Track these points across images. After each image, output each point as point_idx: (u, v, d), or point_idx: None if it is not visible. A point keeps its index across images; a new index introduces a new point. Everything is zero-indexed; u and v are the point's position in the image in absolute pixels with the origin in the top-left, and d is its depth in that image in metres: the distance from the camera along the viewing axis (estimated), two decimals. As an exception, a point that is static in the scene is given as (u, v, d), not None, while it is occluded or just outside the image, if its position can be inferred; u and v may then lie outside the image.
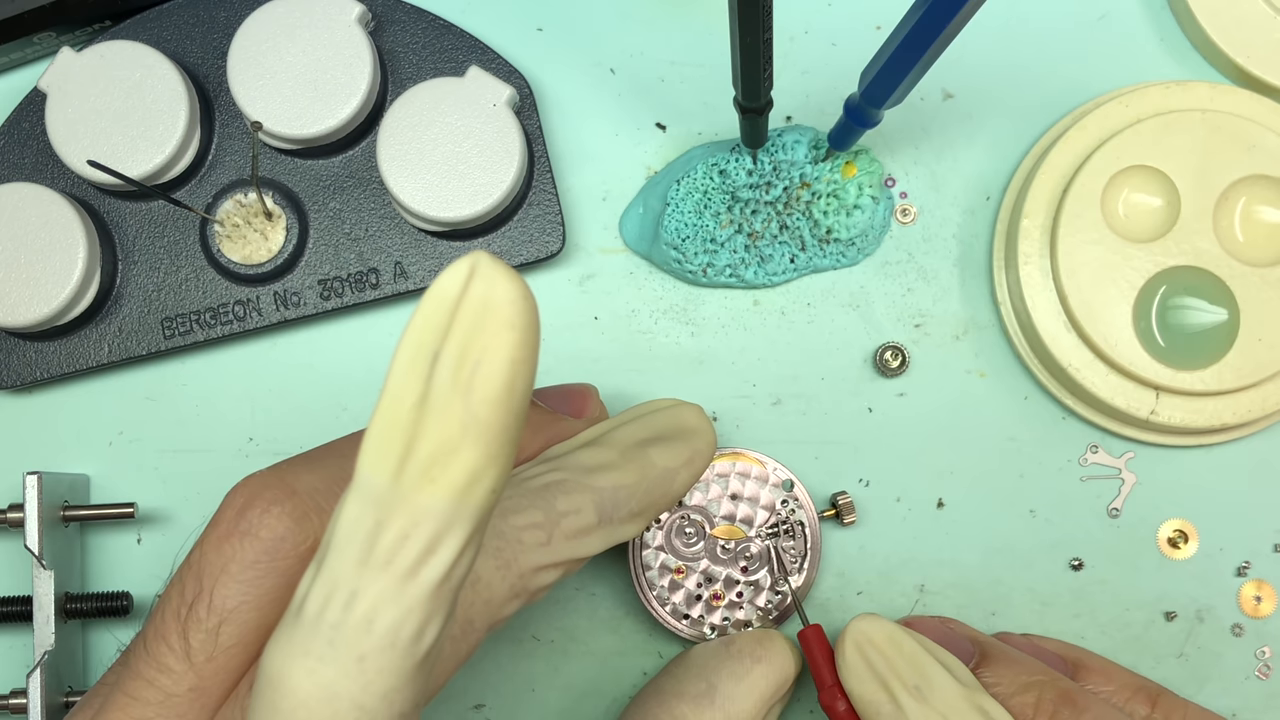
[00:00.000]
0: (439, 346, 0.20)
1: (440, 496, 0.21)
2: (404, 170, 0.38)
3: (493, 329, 0.20)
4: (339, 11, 0.39)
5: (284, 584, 0.27)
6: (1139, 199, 0.40)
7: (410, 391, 0.21)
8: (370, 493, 0.21)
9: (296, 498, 0.27)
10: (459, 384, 0.20)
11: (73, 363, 0.40)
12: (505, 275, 0.20)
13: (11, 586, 0.41)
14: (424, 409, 0.20)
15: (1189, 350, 0.39)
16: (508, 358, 0.20)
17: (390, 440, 0.21)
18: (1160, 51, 0.42)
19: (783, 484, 0.39)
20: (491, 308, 0.20)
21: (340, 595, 0.21)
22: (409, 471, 0.21)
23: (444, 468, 0.21)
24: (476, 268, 0.20)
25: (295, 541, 0.27)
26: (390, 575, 0.21)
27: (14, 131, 0.41)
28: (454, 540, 0.21)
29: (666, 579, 0.39)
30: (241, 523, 0.27)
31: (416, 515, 0.21)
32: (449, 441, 0.20)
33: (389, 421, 0.21)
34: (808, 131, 0.40)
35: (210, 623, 0.27)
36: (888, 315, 0.41)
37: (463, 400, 0.20)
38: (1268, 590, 0.41)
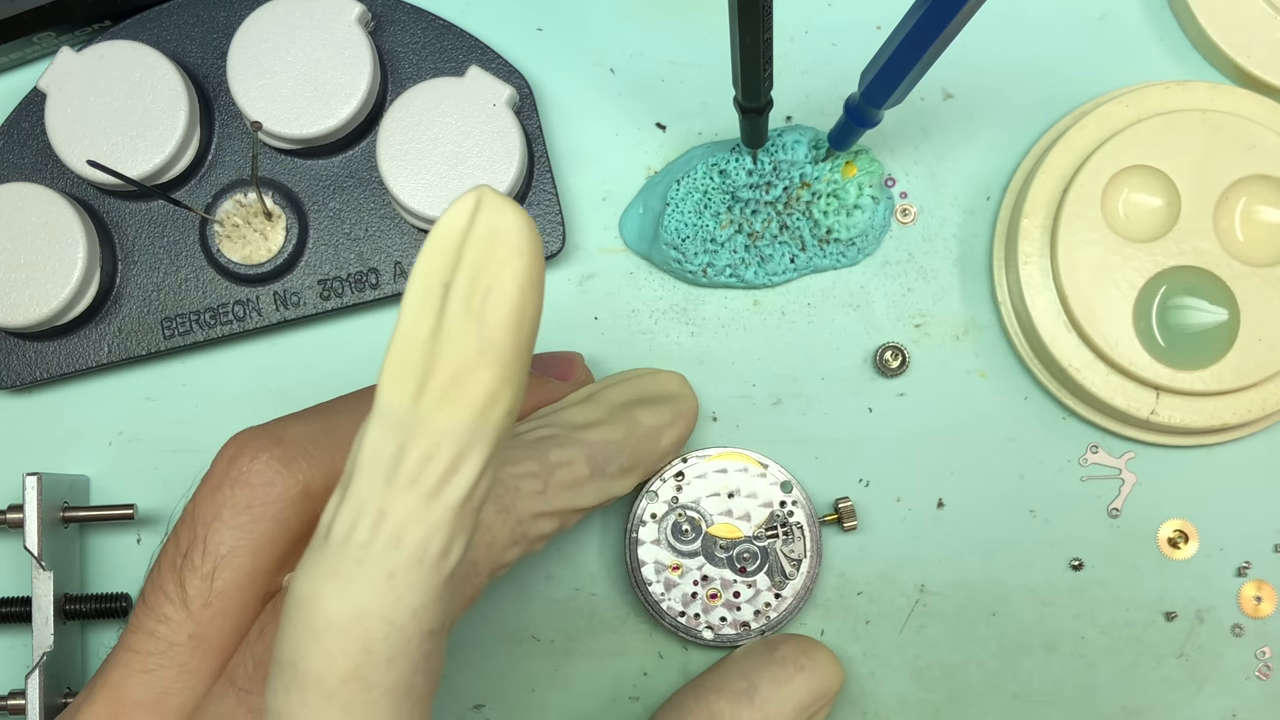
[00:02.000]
0: (449, 277, 0.21)
1: (460, 417, 0.22)
2: (404, 170, 0.38)
3: (502, 256, 0.21)
4: (339, 11, 0.39)
5: (276, 528, 0.28)
6: (1139, 199, 0.40)
7: (424, 321, 0.21)
8: (391, 417, 0.22)
9: (284, 445, 0.28)
10: (472, 310, 0.21)
11: (73, 363, 0.40)
12: (511, 206, 0.22)
13: (11, 587, 0.41)
14: (439, 336, 0.21)
15: (1189, 350, 0.39)
16: (518, 283, 0.21)
17: (408, 366, 0.22)
18: (1160, 51, 0.42)
19: (781, 485, 0.39)
20: (500, 236, 0.21)
21: (368, 515, 0.22)
22: (428, 395, 0.21)
23: (462, 389, 0.21)
24: (482, 200, 0.21)
25: (285, 486, 0.28)
26: (416, 494, 0.22)
27: (14, 131, 0.41)
28: (475, 459, 0.22)
29: (663, 576, 0.39)
30: (232, 471, 0.28)
31: (438, 436, 0.22)
32: (465, 365, 0.21)
33: (406, 349, 0.22)
34: (808, 131, 0.40)
35: (205, 568, 0.27)
36: (888, 315, 0.41)
37: (477, 325, 0.21)
38: (1268, 590, 0.41)
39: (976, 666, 0.41)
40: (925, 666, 0.41)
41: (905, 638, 0.41)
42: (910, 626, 0.41)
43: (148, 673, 0.27)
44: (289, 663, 0.22)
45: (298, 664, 0.22)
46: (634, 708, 0.41)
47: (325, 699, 0.22)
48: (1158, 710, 0.41)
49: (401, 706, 0.23)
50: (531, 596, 0.41)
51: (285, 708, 0.22)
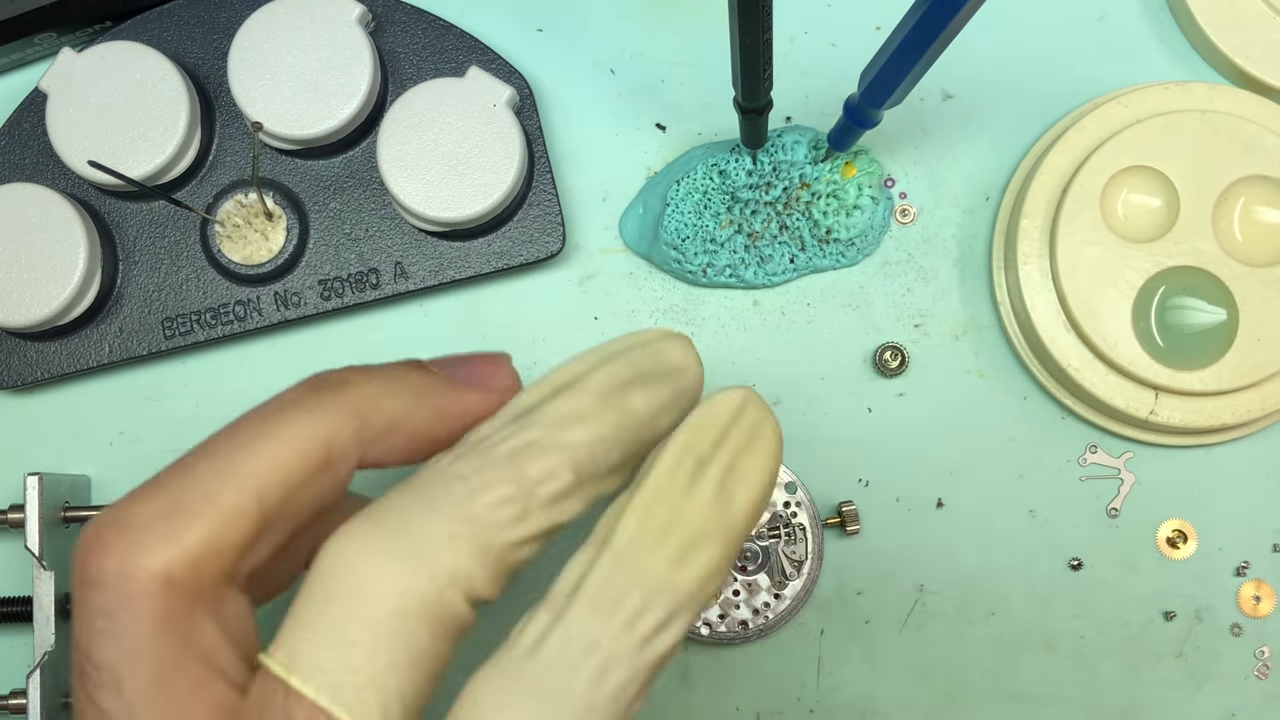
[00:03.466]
0: (706, 454, 0.24)
1: (689, 577, 0.23)
2: (404, 170, 0.38)
3: (761, 450, 0.24)
4: (339, 12, 0.39)
5: (154, 624, 0.25)
6: (1138, 199, 0.40)
7: (677, 483, 0.24)
8: (627, 559, 0.23)
9: (133, 530, 0.25)
10: (724, 490, 0.24)
11: (73, 363, 0.40)
12: (771, 413, 0.25)
13: (12, 587, 0.41)
14: (687, 501, 0.24)
15: (1188, 350, 0.39)
16: (769, 480, 0.24)
17: (654, 518, 0.24)
18: (1160, 52, 0.42)
19: (785, 486, 0.39)
20: (762, 433, 0.25)
21: (580, 643, 0.23)
22: (666, 549, 0.23)
23: (695, 554, 0.23)
24: (750, 399, 0.25)
25: (142, 582, 0.25)
26: (631, 636, 0.23)
27: (14, 132, 0.41)
28: (684, 620, 0.23)
29: None
30: (86, 574, 0.25)
31: (664, 589, 0.23)
32: (705, 533, 0.23)
33: (655, 503, 0.24)
34: (808, 132, 0.40)
35: (107, 681, 0.25)
36: (888, 315, 0.41)
37: (725, 504, 0.24)
38: (1267, 590, 0.41)
39: (976, 666, 0.41)
40: (925, 666, 0.41)
41: (905, 638, 0.41)
42: (910, 626, 0.41)
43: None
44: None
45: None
46: (634, 707, 0.41)
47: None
48: (1157, 710, 0.41)
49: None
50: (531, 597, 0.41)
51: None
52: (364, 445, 0.28)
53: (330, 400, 0.28)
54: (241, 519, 0.26)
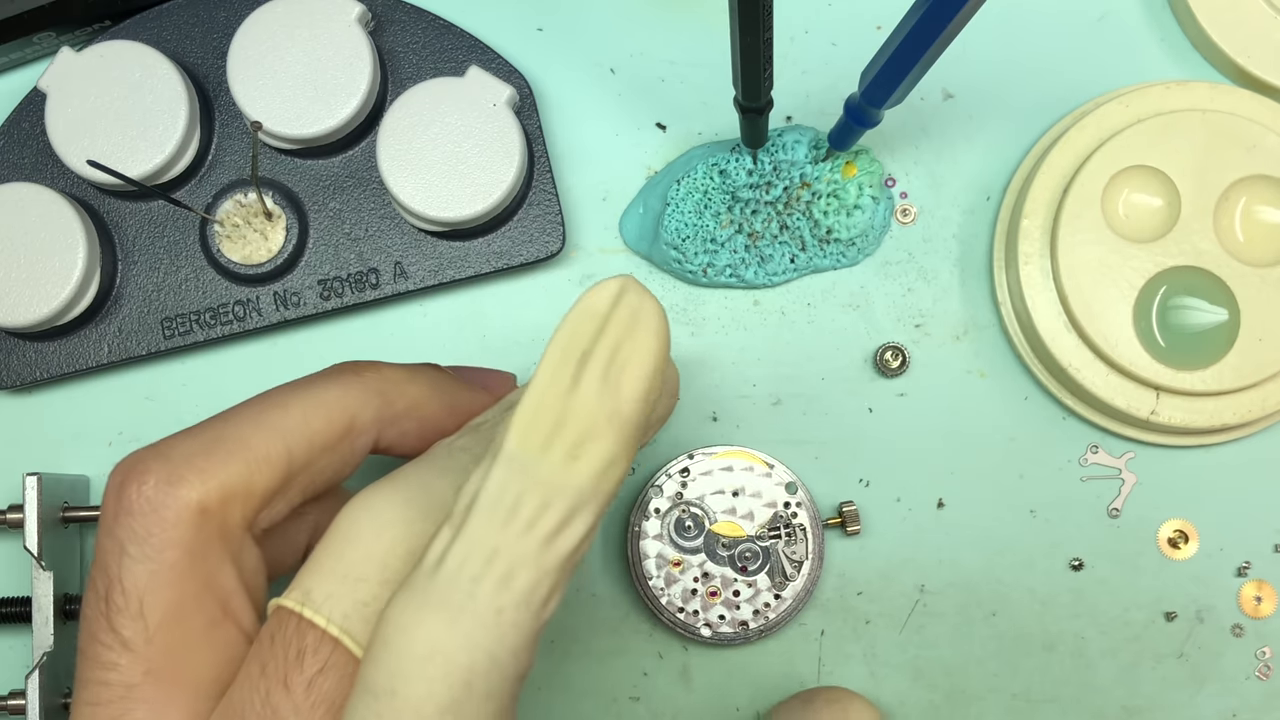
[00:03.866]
0: (589, 348, 0.24)
1: (582, 474, 0.23)
2: (404, 170, 0.38)
3: (642, 336, 0.24)
4: (339, 11, 0.39)
5: (184, 553, 0.27)
6: (1139, 199, 0.40)
7: (560, 382, 0.23)
8: (517, 463, 0.23)
9: (170, 464, 0.27)
10: (609, 380, 0.23)
11: (73, 363, 0.40)
12: (652, 296, 0.24)
13: (11, 587, 0.41)
14: (573, 398, 0.23)
15: (1189, 350, 0.39)
16: (654, 363, 0.24)
17: (540, 420, 0.23)
18: (1160, 51, 0.42)
19: (786, 486, 0.39)
20: (642, 319, 0.24)
21: (481, 552, 0.23)
22: (556, 448, 0.23)
23: (587, 449, 0.23)
24: (627, 285, 0.24)
25: (179, 507, 0.27)
26: (532, 539, 0.23)
27: (14, 131, 0.41)
28: (587, 516, 0.23)
29: (664, 571, 0.39)
30: (122, 501, 0.27)
31: (559, 488, 0.23)
32: (594, 428, 0.23)
33: (540, 404, 0.23)
34: (808, 131, 0.40)
35: (131, 607, 0.27)
36: (888, 315, 0.41)
37: (611, 395, 0.23)
38: (1268, 590, 0.41)
39: (976, 666, 0.41)
40: (925, 666, 0.41)
41: (905, 638, 0.41)
42: (910, 626, 0.41)
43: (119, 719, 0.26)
44: (385, 691, 0.23)
45: (396, 692, 0.23)
46: (634, 708, 0.41)
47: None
48: (1157, 710, 0.41)
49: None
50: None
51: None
52: (383, 424, 0.30)
53: (357, 379, 0.30)
54: (269, 466, 0.28)
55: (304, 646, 0.25)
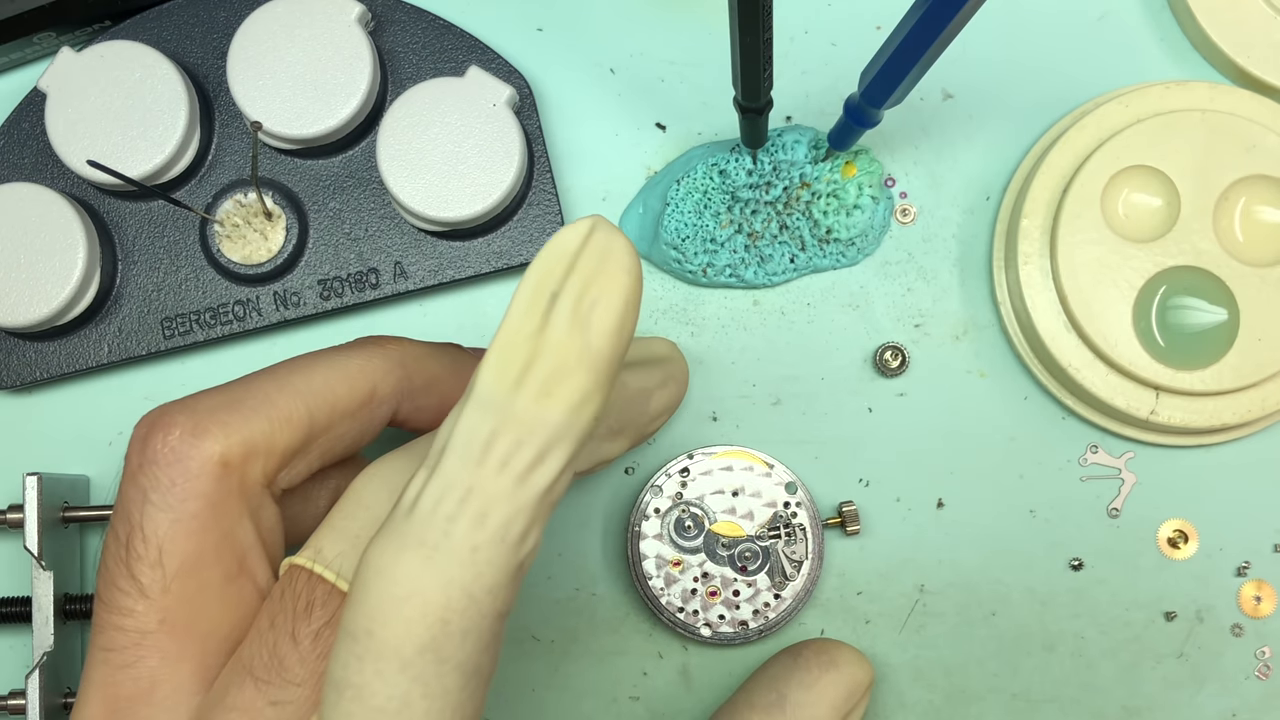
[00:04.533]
0: (558, 288, 0.23)
1: (554, 410, 0.23)
2: (404, 170, 0.38)
3: (612, 272, 0.24)
4: (339, 11, 0.39)
5: (205, 504, 0.27)
6: (1139, 199, 0.40)
7: (530, 322, 0.23)
8: (489, 402, 0.23)
9: (197, 414, 0.28)
10: (579, 317, 0.23)
11: (73, 363, 0.40)
12: (621, 233, 0.24)
13: (11, 587, 0.41)
14: (543, 336, 0.23)
15: (1189, 350, 0.39)
16: (624, 298, 0.24)
17: (511, 358, 0.23)
18: (1160, 51, 0.42)
19: (786, 486, 0.39)
20: (611, 255, 0.24)
21: (456, 491, 0.23)
22: (528, 386, 0.23)
23: (559, 386, 0.23)
24: (597, 224, 0.24)
25: (204, 458, 0.27)
26: (505, 476, 0.23)
27: (14, 131, 0.41)
28: (561, 453, 0.23)
29: (664, 571, 0.39)
30: (147, 451, 0.28)
31: (532, 425, 0.23)
32: (565, 364, 0.23)
33: (511, 343, 0.23)
34: (808, 131, 0.40)
35: (150, 555, 0.27)
36: (888, 315, 0.41)
37: (581, 331, 0.23)
38: (1267, 590, 0.41)
39: (976, 666, 0.41)
40: (925, 666, 0.41)
41: (905, 638, 0.41)
42: (910, 626, 0.41)
43: (130, 666, 0.27)
44: (364, 632, 0.23)
45: (374, 633, 0.23)
46: (634, 708, 0.41)
47: (399, 670, 0.23)
48: (1157, 710, 0.41)
49: (469, 684, 0.23)
50: (531, 596, 0.41)
51: (358, 678, 0.23)
52: (402, 397, 0.31)
53: (381, 351, 0.31)
54: (292, 425, 0.29)
55: (313, 599, 0.26)
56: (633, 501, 0.40)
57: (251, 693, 0.26)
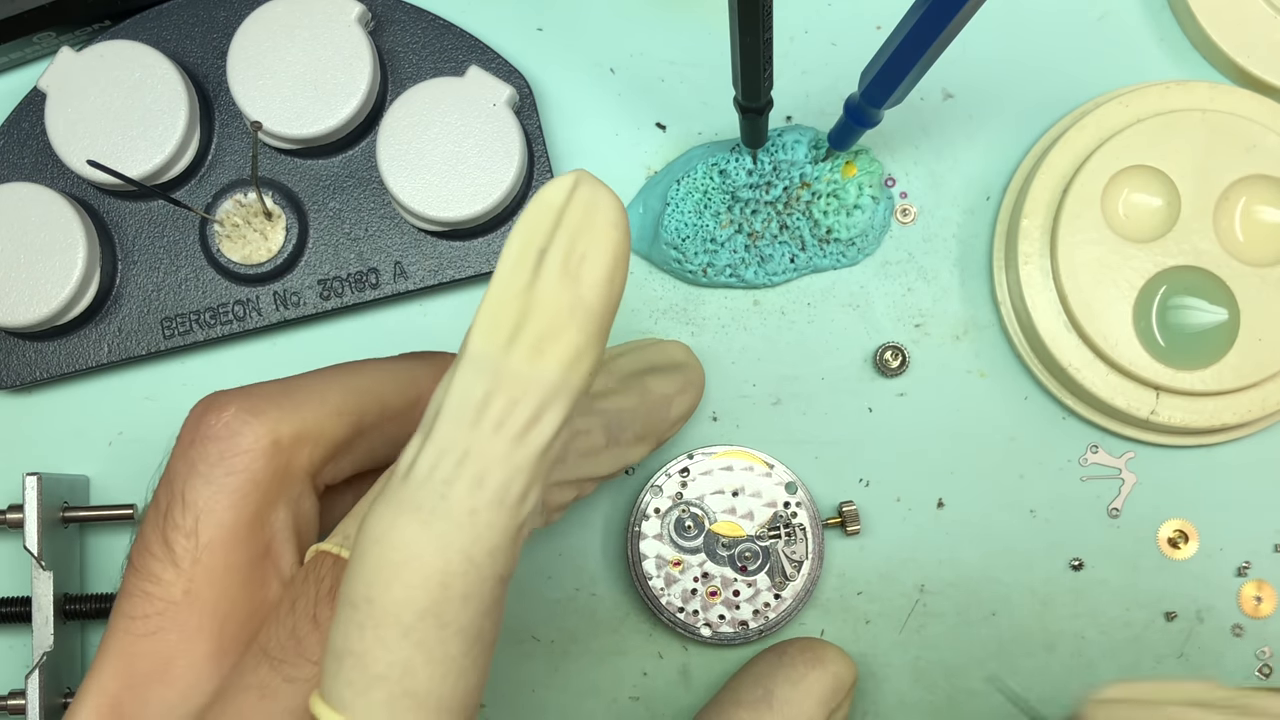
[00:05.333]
0: (546, 244, 0.23)
1: (549, 368, 0.23)
2: (404, 170, 0.38)
3: (599, 226, 0.23)
4: (339, 11, 0.39)
5: (249, 481, 0.28)
6: (1139, 199, 0.40)
7: (519, 279, 0.23)
8: (482, 362, 0.23)
9: (252, 397, 0.29)
10: (569, 272, 0.23)
11: (73, 363, 0.40)
12: (607, 189, 0.24)
13: (11, 587, 0.41)
14: (533, 293, 0.23)
15: (1189, 350, 0.39)
16: (613, 252, 0.23)
17: (502, 316, 0.23)
18: (1160, 51, 0.42)
19: (786, 486, 0.39)
20: (598, 209, 0.23)
21: (452, 455, 0.23)
22: (520, 344, 0.23)
23: (552, 343, 0.23)
24: (581, 178, 0.23)
25: (254, 436, 0.28)
26: (501, 437, 0.23)
27: (14, 131, 0.41)
28: (557, 411, 0.23)
29: (664, 571, 0.39)
30: (201, 427, 0.28)
31: (526, 384, 0.23)
32: (557, 321, 0.23)
33: (500, 302, 0.23)
34: (808, 131, 0.40)
35: (187, 524, 0.28)
36: (888, 315, 0.41)
37: (572, 286, 0.23)
38: (1268, 590, 0.41)
39: (977, 667, 0.41)
40: (925, 666, 0.41)
41: (905, 638, 0.41)
42: (910, 627, 0.41)
43: (149, 636, 0.27)
44: (363, 600, 0.23)
45: (374, 599, 0.23)
46: (634, 708, 0.41)
47: (401, 635, 0.22)
48: (1158, 710, 0.41)
49: (472, 649, 0.23)
50: (531, 596, 0.41)
51: (359, 645, 0.23)
52: None
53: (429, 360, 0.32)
54: (341, 418, 0.29)
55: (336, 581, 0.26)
56: (633, 501, 0.40)
57: (267, 672, 0.26)
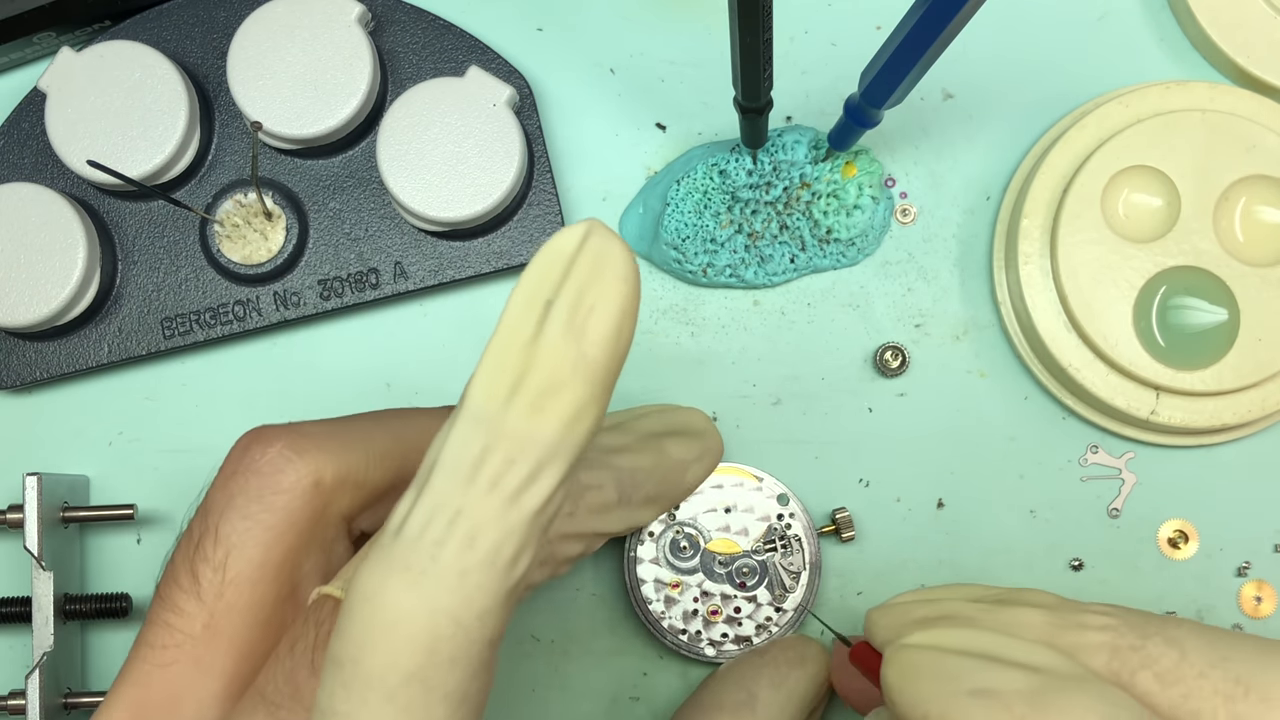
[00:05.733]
0: (553, 295, 0.22)
1: (548, 426, 0.22)
2: (404, 170, 0.38)
3: (608, 279, 0.22)
4: (339, 11, 0.39)
5: (285, 520, 0.28)
6: (1139, 199, 0.40)
7: (524, 331, 0.22)
8: (480, 418, 0.22)
9: (300, 436, 0.28)
10: (574, 326, 0.22)
11: (73, 363, 0.40)
12: (618, 240, 0.23)
13: (11, 587, 0.41)
14: (536, 346, 0.22)
15: (1189, 350, 0.39)
16: (620, 307, 0.22)
17: (503, 371, 0.22)
18: (1160, 51, 0.42)
19: (778, 498, 0.39)
20: (607, 262, 0.23)
21: (444, 513, 0.22)
22: (519, 400, 0.22)
23: (553, 400, 0.22)
24: (593, 229, 0.23)
25: (297, 476, 0.28)
26: (495, 497, 0.22)
27: (14, 131, 0.41)
28: (555, 471, 0.22)
29: (662, 594, 0.38)
30: (245, 460, 0.28)
31: (524, 442, 0.22)
32: (559, 377, 0.22)
33: (503, 354, 0.22)
34: (808, 131, 0.40)
35: (217, 557, 0.27)
36: (888, 315, 0.41)
37: (576, 341, 0.22)
38: (1268, 590, 0.41)
39: (976, 666, 0.41)
40: (925, 666, 0.41)
41: (905, 638, 0.41)
42: (910, 626, 0.41)
43: (164, 667, 0.27)
44: (349, 660, 0.22)
45: (360, 660, 0.22)
46: (634, 708, 0.41)
47: (385, 699, 0.22)
48: (1158, 710, 0.41)
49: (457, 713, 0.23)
50: (531, 597, 0.41)
51: (343, 707, 0.22)
52: None
53: None
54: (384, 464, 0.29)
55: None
56: None
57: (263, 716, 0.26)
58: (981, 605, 0.32)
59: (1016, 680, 0.27)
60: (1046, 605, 0.31)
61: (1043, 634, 0.29)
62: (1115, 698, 0.26)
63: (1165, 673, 0.28)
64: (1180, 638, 0.28)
